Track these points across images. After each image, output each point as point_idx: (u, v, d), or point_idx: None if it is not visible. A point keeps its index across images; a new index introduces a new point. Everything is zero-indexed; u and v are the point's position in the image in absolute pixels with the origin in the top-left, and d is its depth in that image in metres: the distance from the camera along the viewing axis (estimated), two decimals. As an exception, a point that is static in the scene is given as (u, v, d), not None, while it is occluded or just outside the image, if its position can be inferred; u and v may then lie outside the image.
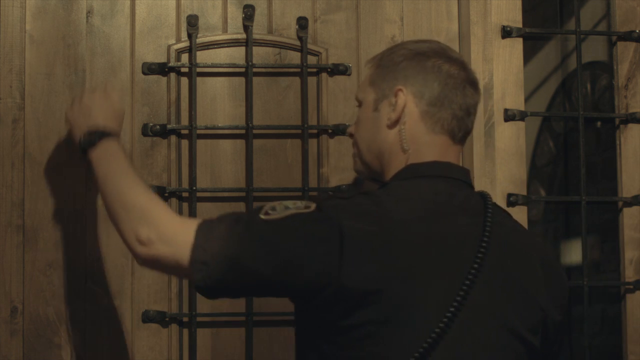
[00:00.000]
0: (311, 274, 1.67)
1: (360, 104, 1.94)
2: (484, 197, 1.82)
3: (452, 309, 1.66)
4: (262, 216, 1.72)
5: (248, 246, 1.70)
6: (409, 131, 1.84)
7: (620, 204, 2.49)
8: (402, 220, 1.71)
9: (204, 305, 2.35)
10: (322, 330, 1.70)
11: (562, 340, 1.85)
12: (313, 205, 1.73)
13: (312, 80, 2.43)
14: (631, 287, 2.46)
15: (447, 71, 1.86)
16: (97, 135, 2.00)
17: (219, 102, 2.41)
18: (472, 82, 1.89)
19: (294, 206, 1.72)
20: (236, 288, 1.75)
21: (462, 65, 1.89)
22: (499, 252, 1.74)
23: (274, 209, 1.73)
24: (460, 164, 1.88)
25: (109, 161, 1.95)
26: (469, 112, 1.87)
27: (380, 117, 1.87)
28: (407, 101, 1.84)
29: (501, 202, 2.39)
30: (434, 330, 1.65)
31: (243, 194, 2.38)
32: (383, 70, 1.89)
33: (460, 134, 1.87)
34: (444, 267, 1.70)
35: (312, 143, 2.42)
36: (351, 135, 1.98)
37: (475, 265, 1.70)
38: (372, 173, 1.93)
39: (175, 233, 1.75)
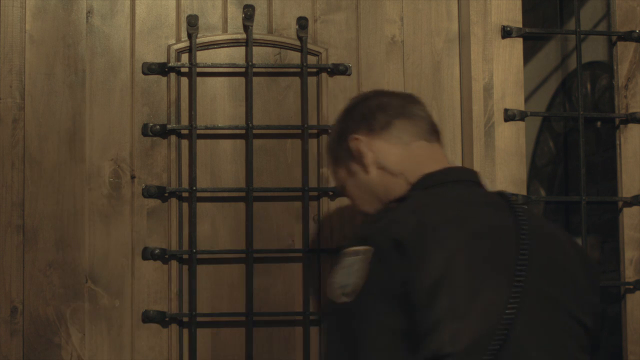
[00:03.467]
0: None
1: (343, 189, 2.01)
2: (501, 194, 1.87)
3: (514, 297, 1.68)
4: (338, 299, 1.72)
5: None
6: (385, 158, 1.92)
7: (620, 204, 2.49)
8: (443, 219, 1.73)
9: (204, 305, 2.35)
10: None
11: (604, 326, 1.88)
12: (364, 251, 1.73)
13: (312, 80, 2.43)
14: (631, 287, 2.46)
15: (376, 102, 1.97)
16: None
17: (219, 102, 2.41)
18: (399, 95, 2.02)
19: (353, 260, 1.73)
20: None
21: (383, 92, 2.06)
22: (538, 240, 1.77)
23: (338, 283, 1.74)
24: (461, 164, 1.91)
25: None
26: (415, 114, 1.96)
27: (358, 174, 1.95)
28: (365, 140, 1.93)
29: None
30: (503, 320, 1.67)
31: (243, 194, 2.38)
32: (333, 147, 2.01)
33: (428, 133, 1.94)
34: (496, 259, 1.72)
35: (312, 143, 2.42)
36: (358, 210, 2.02)
37: (523, 254, 1.72)
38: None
39: None
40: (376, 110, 1.95)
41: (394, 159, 1.91)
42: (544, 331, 1.71)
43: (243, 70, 2.41)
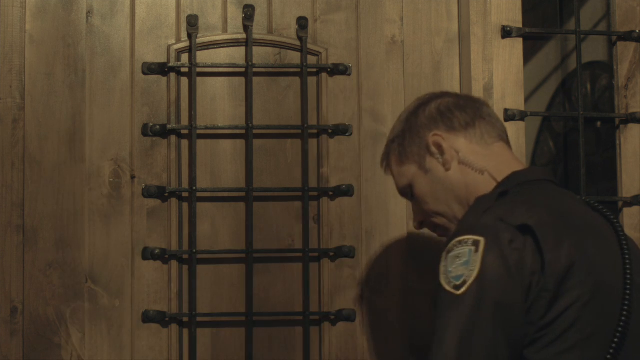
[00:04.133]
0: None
1: (411, 187, 1.97)
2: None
3: (628, 288, 1.69)
4: (454, 291, 1.67)
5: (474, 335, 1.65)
6: (468, 155, 1.90)
7: (620, 204, 2.49)
8: (556, 212, 1.73)
9: (204, 305, 2.35)
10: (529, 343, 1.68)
11: None
12: (482, 241, 1.68)
13: (312, 80, 2.43)
14: (631, 287, 2.46)
15: (450, 101, 1.96)
16: None
17: (219, 102, 2.41)
18: (472, 98, 2.00)
19: (465, 250, 1.69)
20: None
21: (450, 93, 2.02)
22: (626, 237, 1.79)
23: (451, 273, 1.68)
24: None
25: None
26: (491, 115, 1.96)
27: (435, 171, 1.93)
28: (447, 137, 1.92)
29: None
30: (624, 309, 1.68)
31: (243, 194, 2.38)
32: (404, 142, 1.97)
33: (505, 135, 1.95)
34: (608, 256, 1.73)
35: (312, 143, 2.42)
36: (422, 224, 2.00)
37: (626, 251, 1.74)
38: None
39: None
40: (454, 109, 1.94)
41: (477, 157, 1.90)
42: None
43: (243, 70, 2.41)
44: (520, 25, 2.47)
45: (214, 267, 2.37)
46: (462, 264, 1.67)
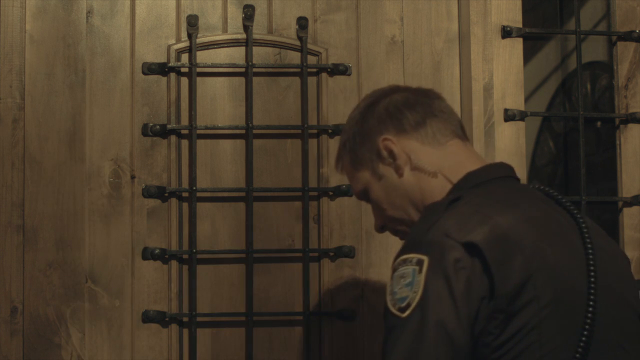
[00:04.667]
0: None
1: (366, 192, 1.89)
2: (539, 187, 1.81)
3: (592, 292, 1.62)
4: (399, 314, 1.63)
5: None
6: (420, 159, 1.81)
7: (620, 204, 2.49)
8: (511, 219, 1.65)
9: (204, 305, 2.35)
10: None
11: None
12: (425, 260, 1.61)
13: (312, 80, 2.43)
14: (631, 287, 2.46)
15: (398, 99, 1.86)
16: None
17: (219, 102, 2.41)
18: (426, 93, 1.89)
19: (407, 271, 1.63)
20: None
21: (400, 87, 1.92)
22: (593, 233, 1.72)
23: (395, 295, 1.63)
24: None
25: None
26: (443, 111, 1.86)
27: (389, 176, 1.84)
28: (397, 141, 1.83)
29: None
30: (587, 316, 1.61)
31: (243, 194, 2.38)
32: (355, 146, 1.87)
33: (460, 130, 1.85)
34: (569, 256, 1.66)
35: (312, 143, 2.42)
36: (382, 227, 1.92)
37: (590, 249, 1.66)
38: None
39: None
40: (403, 107, 1.84)
41: (430, 159, 1.81)
42: (619, 327, 1.67)
43: (243, 70, 2.41)
44: (520, 25, 2.47)
45: (214, 267, 2.37)
46: (407, 284, 1.61)
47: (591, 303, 1.61)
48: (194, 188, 2.35)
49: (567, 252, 1.66)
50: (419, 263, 1.60)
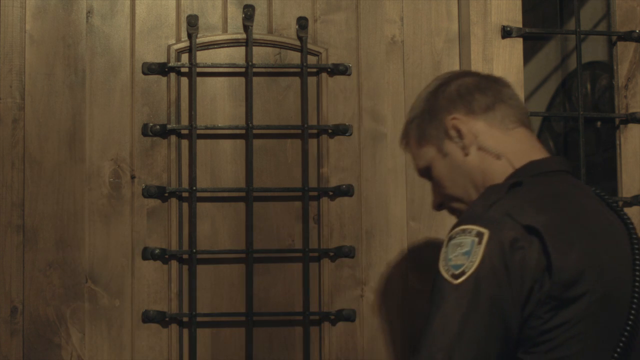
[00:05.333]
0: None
1: (428, 169, 1.92)
2: (593, 189, 1.84)
3: (636, 294, 1.66)
4: (451, 280, 1.63)
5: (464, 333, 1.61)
6: (487, 140, 1.85)
7: (620, 204, 2.49)
8: (574, 210, 1.69)
9: (204, 305, 2.35)
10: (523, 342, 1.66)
11: None
12: (485, 233, 1.63)
13: (312, 80, 2.43)
14: (631, 287, 2.46)
15: (470, 82, 1.90)
16: None
17: (219, 102, 2.41)
18: (496, 80, 1.93)
19: (467, 240, 1.65)
20: None
21: (471, 72, 1.97)
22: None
23: (450, 261, 1.65)
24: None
25: None
26: (512, 98, 1.90)
27: (454, 155, 1.87)
28: (466, 121, 1.86)
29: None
30: (628, 324, 1.65)
31: (243, 194, 2.38)
32: (422, 124, 1.91)
33: (526, 119, 1.89)
34: (616, 253, 1.69)
35: (312, 143, 2.42)
36: (440, 205, 1.94)
37: (637, 252, 1.70)
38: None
39: None
40: (474, 90, 1.88)
41: (495, 142, 1.84)
42: None
43: (243, 70, 2.41)
44: (520, 25, 2.47)
45: (214, 267, 2.37)
46: (463, 253, 1.64)
47: (634, 308, 1.65)
48: (194, 188, 2.35)
49: (617, 253, 1.70)
50: (479, 235, 1.64)
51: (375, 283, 2.40)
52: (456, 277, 1.63)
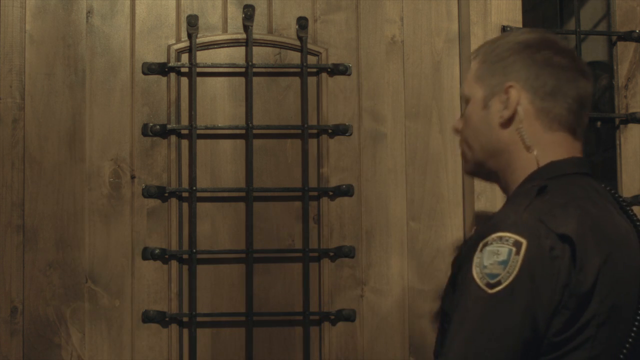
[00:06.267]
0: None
1: (467, 100, 1.85)
2: (609, 191, 1.80)
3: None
4: (486, 288, 1.60)
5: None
6: (527, 129, 1.77)
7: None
8: (595, 216, 1.66)
9: (204, 305, 2.35)
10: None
11: None
12: (524, 243, 1.60)
13: (312, 80, 2.43)
14: (631, 287, 2.46)
15: (558, 63, 1.79)
16: None
17: (219, 102, 2.41)
18: (584, 73, 1.82)
19: (503, 248, 1.62)
20: None
21: (573, 56, 1.83)
22: None
23: (485, 269, 1.62)
24: (462, 165, 1.86)
25: None
26: (584, 105, 1.80)
27: (491, 115, 1.79)
28: (521, 97, 1.77)
29: (502, 201, 2.38)
30: (634, 325, 1.64)
31: (243, 194, 2.38)
32: (490, 65, 1.81)
33: (579, 128, 1.80)
34: (629, 267, 1.68)
35: (312, 143, 2.42)
36: (457, 132, 1.89)
37: None
38: (485, 172, 1.85)
39: None
40: (550, 70, 1.77)
41: (534, 134, 1.77)
42: None
43: (243, 70, 2.41)
44: (520, 25, 2.47)
45: (214, 267, 2.37)
46: (500, 262, 1.60)
47: None
48: (194, 188, 2.35)
49: (629, 261, 1.68)
50: (517, 245, 1.60)
51: (375, 283, 2.40)
52: (491, 286, 1.60)
